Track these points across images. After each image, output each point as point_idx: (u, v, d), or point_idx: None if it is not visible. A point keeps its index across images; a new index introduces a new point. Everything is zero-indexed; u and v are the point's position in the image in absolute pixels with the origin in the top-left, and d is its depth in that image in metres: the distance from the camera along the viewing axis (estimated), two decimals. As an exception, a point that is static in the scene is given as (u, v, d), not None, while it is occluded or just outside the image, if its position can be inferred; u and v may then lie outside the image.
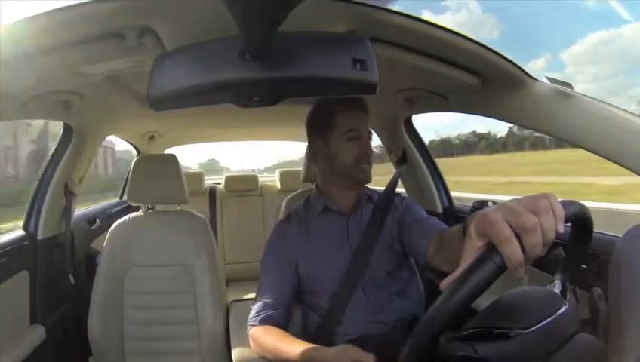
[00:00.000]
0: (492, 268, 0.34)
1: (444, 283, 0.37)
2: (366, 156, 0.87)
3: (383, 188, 0.99)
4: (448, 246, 0.67)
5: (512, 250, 0.34)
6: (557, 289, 0.45)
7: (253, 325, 0.84)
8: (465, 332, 0.41)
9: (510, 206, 0.36)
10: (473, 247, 0.38)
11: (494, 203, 0.48)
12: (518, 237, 0.34)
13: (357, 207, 0.92)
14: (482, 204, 0.52)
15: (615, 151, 0.62)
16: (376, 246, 0.87)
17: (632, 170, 0.60)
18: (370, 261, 0.86)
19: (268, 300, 0.85)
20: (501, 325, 0.40)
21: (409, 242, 0.86)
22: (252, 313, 0.86)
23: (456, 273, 0.37)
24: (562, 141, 0.73)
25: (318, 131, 0.91)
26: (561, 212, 0.36)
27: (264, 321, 0.83)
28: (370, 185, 0.96)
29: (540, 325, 0.39)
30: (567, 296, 0.44)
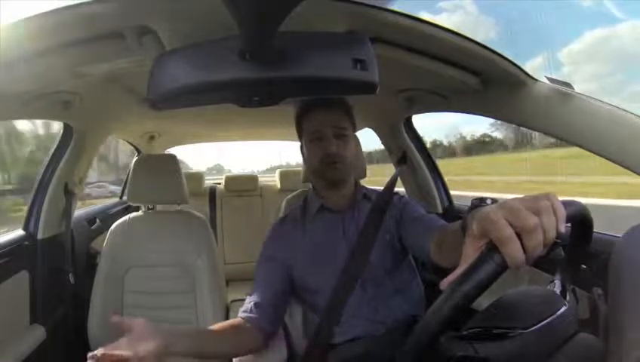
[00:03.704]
0: (493, 268, 0.34)
1: (444, 283, 0.37)
2: (329, 156, 0.84)
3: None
4: (449, 243, 0.67)
5: (514, 250, 0.34)
6: (557, 290, 0.45)
7: None
8: (465, 332, 0.41)
9: (511, 205, 0.36)
10: (473, 246, 0.38)
11: (493, 200, 0.48)
12: (519, 236, 0.34)
13: (353, 206, 0.92)
14: (481, 201, 0.52)
15: (615, 151, 0.62)
16: (374, 244, 0.86)
17: (631, 170, 0.60)
18: (369, 260, 0.85)
19: (255, 299, 0.84)
20: (501, 325, 0.40)
21: (409, 240, 0.86)
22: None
23: (457, 272, 0.37)
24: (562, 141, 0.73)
25: (298, 134, 0.94)
26: (562, 212, 0.36)
27: (242, 318, 0.82)
28: (373, 186, 0.95)
29: (539, 325, 0.39)
30: (567, 297, 0.44)
